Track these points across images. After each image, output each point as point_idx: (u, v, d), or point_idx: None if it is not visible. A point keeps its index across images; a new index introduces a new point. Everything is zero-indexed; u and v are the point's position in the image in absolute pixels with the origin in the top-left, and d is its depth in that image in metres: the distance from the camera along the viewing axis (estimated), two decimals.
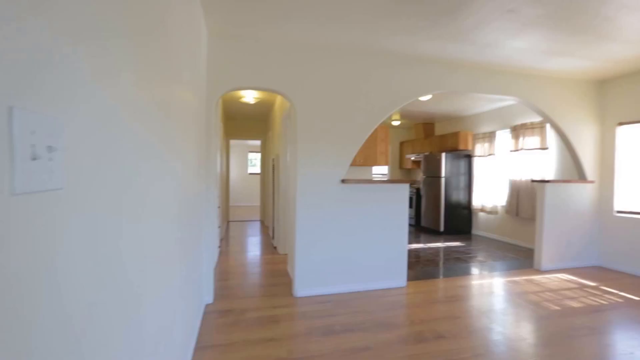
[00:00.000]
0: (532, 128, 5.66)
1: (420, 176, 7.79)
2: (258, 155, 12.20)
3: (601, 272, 4.43)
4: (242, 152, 12.60)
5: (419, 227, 7.78)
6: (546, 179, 5.17)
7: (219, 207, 4.75)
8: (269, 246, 5.66)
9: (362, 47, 3.47)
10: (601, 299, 3.47)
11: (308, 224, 3.40)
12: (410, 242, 6.14)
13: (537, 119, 5.62)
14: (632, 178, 4.49)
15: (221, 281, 3.83)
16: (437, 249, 5.65)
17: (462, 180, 7.09)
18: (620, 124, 4.56)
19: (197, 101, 2.47)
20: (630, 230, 4.43)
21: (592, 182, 4.73)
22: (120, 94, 0.88)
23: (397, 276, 3.73)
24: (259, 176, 10.50)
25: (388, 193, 3.65)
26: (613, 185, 4.64)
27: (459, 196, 7.06)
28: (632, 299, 3.50)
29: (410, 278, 4.02)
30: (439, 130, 8.20)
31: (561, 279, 4.13)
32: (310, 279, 3.43)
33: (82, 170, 0.68)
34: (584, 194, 4.70)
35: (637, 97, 4.37)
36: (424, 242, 6.19)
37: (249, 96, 5.32)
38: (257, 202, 11.75)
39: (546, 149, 5.49)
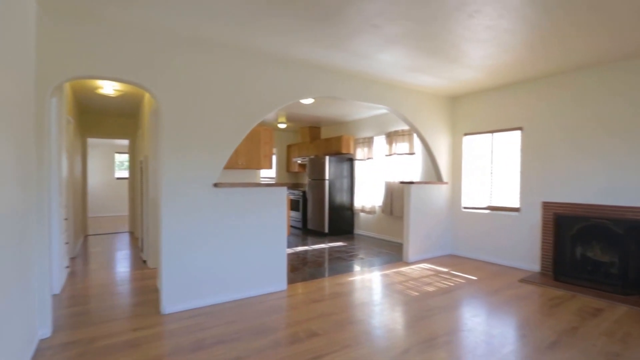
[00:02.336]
0: (403, 135, 6.36)
1: (306, 179, 8.02)
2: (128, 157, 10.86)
3: (453, 259, 5.21)
4: (107, 153, 10.93)
5: (306, 230, 7.99)
6: (413, 180, 5.85)
7: (66, 219, 4.00)
8: (138, 260, 5.03)
9: (237, 45, 3.35)
10: (450, 282, 4.06)
11: (176, 232, 3.10)
12: (296, 245, 6.24)
13: (406, 127, 6.33)
14: (473, 179, 5.41)
15: (68, 308, 3.19)
16: (321, 250, 5.86)
17: (345, 183, 7.55)
18: (465, 134, 5.46)
19: (19, 89, 1.99)
20: (472, 223, 5.33)
21: (446, 183, 5.54)
22: None
23: (277, 280, 3.69)
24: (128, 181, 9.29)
25: (265, 196, 3.59)
26: (461, 185, 5.52)
27: (342, 198, 7.50)
28: (472, 279, 4.19)
29: (292, 281, 4.05)
30: (324, 134, 8.60)
31: (422, 268, 4.71)
32: (181, 293, 3.13)
33: None
34: (440, 193, 5.47)
35: (476, 113, 5.30)
36: (310, 245, 6.36)
37: (108, 87, 4.64)
38: (127, 211, 10.44)
39: (413, 154, 6.22)
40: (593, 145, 4.03)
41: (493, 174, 5.11)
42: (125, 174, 11.16)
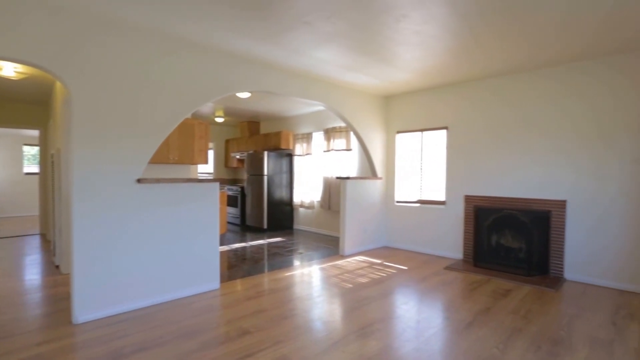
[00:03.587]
0: (340, 131, 6.48)
1: (245, 175, 7.83)
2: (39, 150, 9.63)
3: (386, 251, 5.45)
4: (13, 144, 9.59)
5: (245, 226, 7.81)
6: (349, 176, 6.00)
7: None
8: (50, 266, 4.48)
9: (164, 32, 3.10)
10: (382, 273, 4.23)
11: (91, 233, 2.80)
12: (234, 242, 6.06)
13: (344, 124, 6.46)
14: (405, 175, 5.71)
15: None
16: (259, 246, 5.76)
17: (284, 178, 7.50)
18: (398, 132, 5.73)
19: None
20: (404, 216, 5.63)
21: (380, 178, 5.76)
22: None
23: (209, 279, 3.53)
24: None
25: (196, 193, 3.41)
26: (394, 180, 5.79)
27: (281, 193, 7.44)
28: (403, 269, 4.42)
29: (227, 279, 3.91)
30: (264, 129, 8.44)
31: (358, 260, 4.85)
32: (98, 299, 2.84)
33: None
34: (375, 188, 5.68)
35: (407, 112, 5.58)
36: (248, 241, 6.22)
37: (8, 68, 4.02)
38: (37, 211, 9.27)
39: (350, 150, 6.37)
40: (505, 144, 4.47)
41: (423, 169, 5.44)
42: (36, 168, 9.87)
